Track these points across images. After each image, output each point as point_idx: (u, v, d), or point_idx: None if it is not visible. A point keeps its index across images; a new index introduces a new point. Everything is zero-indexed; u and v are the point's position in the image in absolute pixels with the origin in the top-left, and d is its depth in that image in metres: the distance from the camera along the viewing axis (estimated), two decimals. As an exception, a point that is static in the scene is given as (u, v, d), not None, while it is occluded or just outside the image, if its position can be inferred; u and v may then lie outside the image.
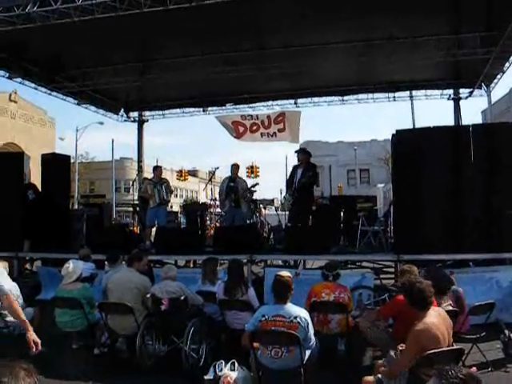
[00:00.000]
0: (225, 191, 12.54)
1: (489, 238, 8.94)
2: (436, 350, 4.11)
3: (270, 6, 11.02)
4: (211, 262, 7.51)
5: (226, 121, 14.94)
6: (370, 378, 4.45)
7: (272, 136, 14.36)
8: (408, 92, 18.10)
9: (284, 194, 11.94)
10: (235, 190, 12.34)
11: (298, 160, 11.88)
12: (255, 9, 11.03)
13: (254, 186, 13.08)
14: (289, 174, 12.04)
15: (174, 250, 10.62)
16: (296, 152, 12.08)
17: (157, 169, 12.96)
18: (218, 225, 14.88)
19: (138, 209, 15.12)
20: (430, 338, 4.15)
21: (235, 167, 12.81)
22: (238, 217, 12.40)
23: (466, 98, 17.63)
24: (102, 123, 36.37)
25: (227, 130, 14.89)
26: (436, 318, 4.35)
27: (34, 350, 4.86)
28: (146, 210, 13.08)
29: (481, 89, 16.65)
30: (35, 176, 13.86)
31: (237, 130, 14.62)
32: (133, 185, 13.15)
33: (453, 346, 4.45)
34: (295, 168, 11.83)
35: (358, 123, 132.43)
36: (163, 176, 12.84)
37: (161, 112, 20.47)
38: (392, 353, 4.66)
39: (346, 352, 6.31)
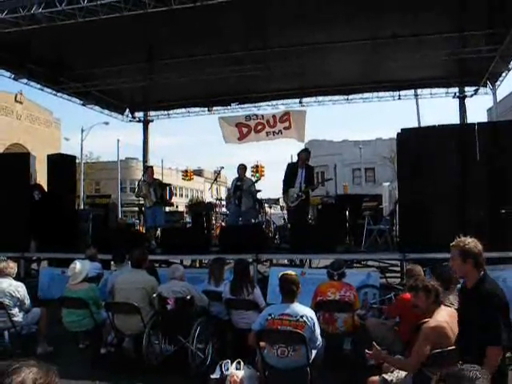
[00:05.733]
0: (232, 191, 12.76)
1: (495, 237, 8.91)
2: (442, 349, 4.11)
3: (274, 6, 11.03)
4: (219, 262, 7.51)
5: (228, 123, 14.93)
6: (376, 378, 4.44)
7: (278, 134, 14.35)
8: (413, 90, 18.08)
9: (283, 191, 11.81)
10: (241, 188, 12.47)
11: (299, 159, 11.79)
12: (260, 8, 11.05)
13: (256, 181, 13.36)
14: (286, 172, 11.94)
15: (180, 250, 10.66)
16: (303, 151, 12.02)
17: (148, 169, 13.20)
18: (223, 224, 14.90)
19: (143, 209, 15.17)
20: (441, 335, 4.14)
21: (242, 168, 12.97)
22: (242, 214, 12.53)
23: (472, 96, 17.59)
24: (107, 123, 36.53)
25: (223, 134, 14.90)
26: (448, 316, 4.34)
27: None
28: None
29: (486, 87, 16.58)
30: (41, 176, 13.91)
31: (240, 131, 14.63)
32: (138, 185, 13.20)
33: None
34: (294, 167, 11.73)
35: (363, 122, 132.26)
36: (164, 176, 13.02)
37: (166, 112, 20.49)
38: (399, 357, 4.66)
39: (352, 351, 6.31)
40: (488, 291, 3.85)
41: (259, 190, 13.39)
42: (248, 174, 14.08)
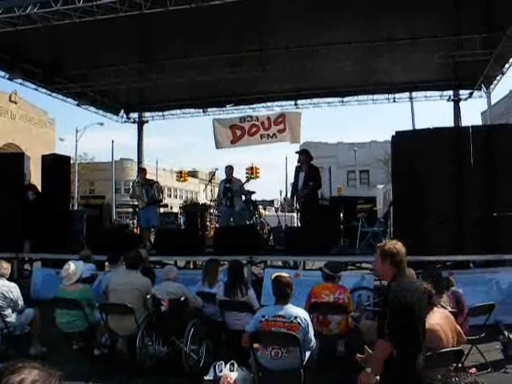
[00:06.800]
0: (222, 193, 12.79)
1: (489, 240, 8.96)
2: (435, 352, 4.12)
3: (270, 8, 11.03)
4: (213, 263, 7.52)
5: (222, 125, 14.94)
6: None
7: (272, 137, 14.39)
8: (408, 93, 18.10)
9: (284, 195, 12.20)
10: (231, 190, 12.52)
11: (299, 161, 11.93)
12: (255, 10, 11.04)
13: (247, 181, 13.36)
14: (293, 177, 12.18)
15: (174, 251, 10.65)
16: (297, 153, 12.17)
17: (142, 171, 13.33)
18: (218, 226, 14.91)
19: (137, 210, 15.17)
20: (434, 338, 4.15)
21: (229, 169, 13.05)
22: (235, 216, 12.58)
23: (466, 99, 17.58)
24: (102, 124, 36.47)
25: (215, 138, 14.92)
26: (441, 319, 4.35)
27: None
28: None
29: (480, 90, 16.63)
30: (35, 177, 13.87)
31: (234, 134, 14.64)
32: (132, 186, 13.26)
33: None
34: (297, 170, 11.90)
35: (358, 124, 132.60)
36: (158, 177, 13.11)
37: (161, 113, 20.40)
38: None
39: (346, 353, 6.31)
40: (390, 289, 3.89)
41: (253, 192, 13.41)
42: (243, 175, 14.12)
